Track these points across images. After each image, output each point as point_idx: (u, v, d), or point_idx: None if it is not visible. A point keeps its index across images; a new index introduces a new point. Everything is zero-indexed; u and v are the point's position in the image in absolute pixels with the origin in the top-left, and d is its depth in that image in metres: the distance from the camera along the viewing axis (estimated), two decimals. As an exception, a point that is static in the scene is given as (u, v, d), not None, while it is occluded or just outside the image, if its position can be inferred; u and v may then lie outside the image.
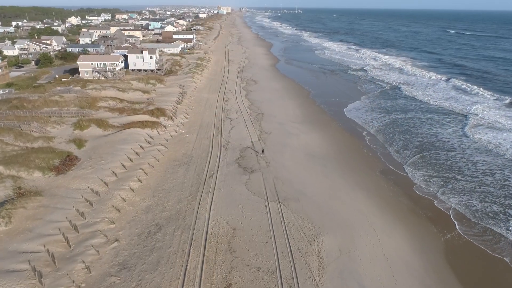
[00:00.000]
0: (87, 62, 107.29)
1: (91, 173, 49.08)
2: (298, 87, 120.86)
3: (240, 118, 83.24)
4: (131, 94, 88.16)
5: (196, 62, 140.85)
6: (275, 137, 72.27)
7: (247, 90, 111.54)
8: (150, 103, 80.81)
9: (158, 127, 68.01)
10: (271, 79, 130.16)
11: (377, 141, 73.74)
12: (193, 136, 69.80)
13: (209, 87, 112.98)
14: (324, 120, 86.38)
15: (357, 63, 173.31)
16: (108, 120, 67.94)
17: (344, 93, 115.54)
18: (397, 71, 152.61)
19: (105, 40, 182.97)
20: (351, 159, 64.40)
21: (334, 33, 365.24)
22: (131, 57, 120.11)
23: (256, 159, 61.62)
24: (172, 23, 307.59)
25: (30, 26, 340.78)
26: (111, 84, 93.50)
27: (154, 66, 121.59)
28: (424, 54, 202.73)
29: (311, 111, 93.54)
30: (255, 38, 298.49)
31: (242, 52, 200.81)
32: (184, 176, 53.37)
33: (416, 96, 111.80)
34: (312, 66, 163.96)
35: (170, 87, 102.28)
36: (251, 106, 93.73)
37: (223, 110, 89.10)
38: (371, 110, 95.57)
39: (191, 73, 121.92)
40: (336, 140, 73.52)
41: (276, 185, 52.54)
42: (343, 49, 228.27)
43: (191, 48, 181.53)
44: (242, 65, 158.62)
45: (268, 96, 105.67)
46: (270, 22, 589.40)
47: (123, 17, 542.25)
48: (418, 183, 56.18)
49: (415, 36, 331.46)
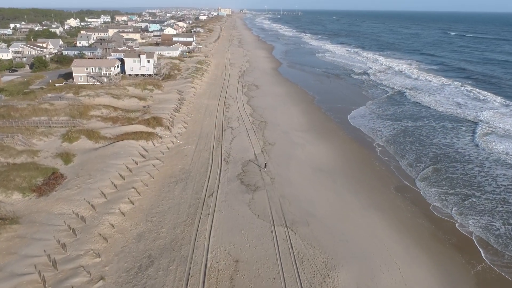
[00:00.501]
0: (82, 66, 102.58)
1: (77, 194, 44.16)
2: (301, 92, 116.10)
3: (242, 127, 78.44)
4: (126, 102, 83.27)
5: (195, 66, 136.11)
6: (280, 148, 67.47)
7: (249, 96, 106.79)
8: (146, 112, 75.99)
9: (154, 138, 63.15)
10: (273, 84, 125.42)
11: (389, 153, 68.92)
12: (191, 148, 64.96)
13: (209, 92, 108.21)
14: (330, 129, 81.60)
15: (360, 66, 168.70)
16: (100, 131, 63.07)
17: (349, 98, 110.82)
18: (401, 75, 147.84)
19: (103, 43, 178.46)
20: (362, 173, 59.54)
21: (335, 35, 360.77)
22: (127, 61, 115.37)
23: (260, 174, 56.82)
24: (171, 25, 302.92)
25: (28, 28, 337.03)
26: (105, 91, 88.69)
27: (152, 71, 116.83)
28: (427, 57, 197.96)
29: (316, 118, 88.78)
30: (256, 40, 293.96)
31: (243, 55, 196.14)
32: (181, 196, 48.49)
33: (424, 102, 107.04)
34: (315, 69, 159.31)
35: (168, 93, 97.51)
36: (253, 114, 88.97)
37: (223, 118, 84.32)
38: (378, 117, 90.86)
39: (191, 77, 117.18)
40: (344, 151, 68.68)
41: (283, 205, 47.70)
42: (345, 51, 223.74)
43: (191, 51, 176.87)
44: (243, 68, 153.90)
45: (271, 102, 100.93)
46: (271, 24, 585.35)
47: (122, 19, 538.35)
48: (435, 203, 51.34)
49: (416, 38, 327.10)
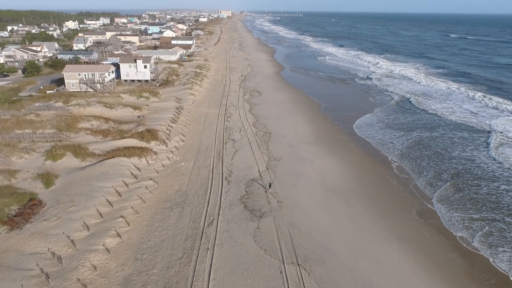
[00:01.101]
0: (74, 72, 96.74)
1: (56, 226, 38.20)
2: (306, 99, 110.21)
3: (244, 139, 72.49)
4: (120, 111, 77.34)
5: (195, 71, 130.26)
6: (286, 164, 61.52)
7: (251, 103, 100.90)
8: (140, 123, 70.02)
9: (147, 154, 57.17)
10: (276, 90, 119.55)
11: (405, 169, 62.93)
12: (189, 165, 58.98)
13: (209, 99, 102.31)
14: (340, 140, 75.64)
15: (364, 70, 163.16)
16: (89, 147, 57.12)
17: (356, 105, 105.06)
18: (406, 80, 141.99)
19: (99, 46, 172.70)
20: (378, 194, 53.55)
21: (336, 37, 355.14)
22: (123, 66, 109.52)
23: (265, 196, 50.84)
24: (171, 28, 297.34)
25: (25, 31, 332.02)
26: (98, 99, 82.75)
27: (149, 76, 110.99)
28: (430, 61, 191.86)
29: (323, 128, 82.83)
30: (257, 43, 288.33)
31: (244, 58, 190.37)
32: (176, 225, 42.50)
33: (434, 109, 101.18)
34: (318, 74, 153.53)
35: (166, 101, 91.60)
36: (256, 124, 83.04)
37: (224, 128, 78.38)
38: (387, 127, 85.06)
39: (189, 83, 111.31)
40: (357, 167, 62.70)
41: (293, 237, 41.74)
42: (347, 54, 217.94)
43: (190, 55, 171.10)
44: (245, 73, 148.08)
45: (275, 110, 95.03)
46: (271, 26, 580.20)
47: (122, 21, 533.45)
48: (461, 232, 45.26)
49: (417, 40, 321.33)
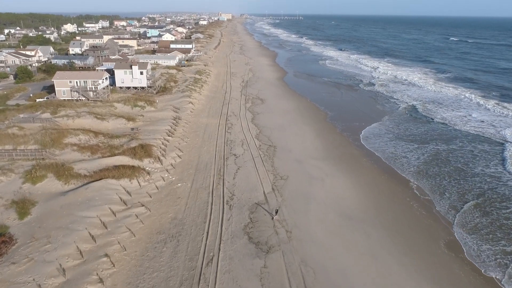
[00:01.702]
0: (65, 80, 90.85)
1: (26, 271, 32.09)
2: (312, 107, 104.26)
3: (247, 154, 66.47)
4: (112, 123, 71.30)
5: (194, 77, 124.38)
6: (294, 184, 55.49)
7: (254, 112, 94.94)
8: (133, 137, 63.96)
9: (140, 175, 51.09)
10: (280, 97, 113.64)
11: (425, 189, 56.87)
12: (186, 185, 52.91)
13: (209, 108, 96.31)
14: (351, 155, 69.62)
15: (367, 75, 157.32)
16: (74, 166, 51.08)
17: (364, 113, 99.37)
18: (413, 86, 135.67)
19: (95, 50, 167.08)
20: (400, 222, 47.45)
21: (337, 41, 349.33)
22: (118, 72, 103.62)
23: (272, 224, 44.80)
24: (170, 31, 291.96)
25: (22, 34, 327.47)
26: (89, 109, 76.75)
27: (145, 83, 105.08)
28: (436, 66, 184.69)
29: (332, 141, 76.81)
30: (258, 46, 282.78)
31: (245, 63, 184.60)
32: (170, 264, 36.40)
33: (447, 118, 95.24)
34: (322, 79, 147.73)
35: (162, 110, 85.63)
36: (260, 136, 77.03)
37: (225, 141, 72.34)
38: (398, 138, 79.26)
39: (188, 90, 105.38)
40: (372, 187, 56.65)
41: (306, 278, 35.69)
42: (349, 59, 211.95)
43: (189, 59, 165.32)
44: (246, 79, 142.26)
45: (279, 120, 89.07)
46: (272, 29, 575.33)
47: (121, 24, 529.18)
48: (494, 272, 39.21)
49: (418, 44, 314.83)
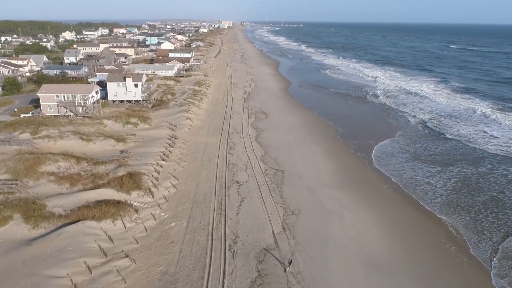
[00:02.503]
0: (51, 94, 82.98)
1: None
2: (319, 121, 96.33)
3: (251, 181, 58.28)
4: (99, 145, 63.19)
5: (193, 89, 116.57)
6: (308, 222, 47.22)
7: (257, 129, 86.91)
8: (122, 163, 55.77)
9: (126, 213, 42.81)
10: (285, 111, 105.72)
11: (460, 227, 48.58)
12: (181, 225, 44.62)
13: (209, 124, 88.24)
14: (368, 181, 61.46)
15: (374, 85, 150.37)
16: (47, 203, 42.89)
17: (376, 129, 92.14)
18: (424, 98, 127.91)
19: (90, 59, 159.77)
20: (439, 272, 39.13)
21: (339, 49, 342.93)
22: (111, 85, 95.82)
23: (285, 278, 36.56)
24: (170, 39, 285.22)
25: (19, 42, 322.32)
26: (74, 128, 68.65)
27: (140, 96, 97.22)
28: (440, 75, 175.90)
29: (345, 163, 68.66)
30: (259, 54, 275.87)
31: (247, 72, 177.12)
32: None
33: (467, 135, 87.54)
34: (328, 90, 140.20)
35: (157, 128, 77.57)
36: (265, 157, 68.88)
37: (227, 165, 64.16)
38: (416, 159, 71.71)
39: (186, 104, 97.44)
40: (398, 224, 48.37)
41: None
42: (353, 68, 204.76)
43: (189, 69, 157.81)
44: (248, 90, 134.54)
45: (285, 138, 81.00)
46: (273, 36, 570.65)
47: (121, 32, 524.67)
48: None
49: (420, 52, 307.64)
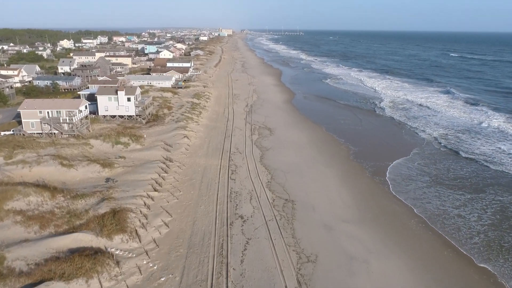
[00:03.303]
0: (34, 110, 75.04)
1: None
2: (329, 139, 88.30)
3: (257, 216, 49.99)
4: (82, 172, 55.07)
5: (191, 102, 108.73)
6: (328, 273, 38.85)
7: (262, 148, 78.77)
8: (105, 196, 47.50)
9: (104, 268, 34.35)
10: (291, 126, 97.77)
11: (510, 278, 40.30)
12: (173, 280, 36.10)
13: (208, 143, 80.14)
14: (393, 214, 53.23)
15: (381, 97, 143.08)
16: (7, 254, 34.54)
17: (391, 146, 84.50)
18: (432, 110, 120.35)
19: (84, 69, 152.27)
20: None
21: (339, 57, 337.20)
22: (101, 99, 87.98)
23: None
24: (169, 47, 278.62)
25: (15, 50, 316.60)
26: (56, 150, 60.48)
27: (133, 111, 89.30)
28: (446, 85, 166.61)
29: (363, 191, 60.43)
30: (261, 63, 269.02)
31: (248, 82, 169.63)
32: None
33: (491, 153, 79.63)
34: (334, 102, 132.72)
35: (150, 148, 69.43)
36: (272, 184, 60.67)
37: (228, 194, 55.90)
38: (439, 183, 64.42)
39: (184, 119, 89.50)
40: (439, 277, 40.03)
41: None
42: (355, 77, 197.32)
43: (187, 80, 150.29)
44: (250, 102, 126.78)
45: (293, 159, 72.86)
46: (274, 44, 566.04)
47: (120, 40, 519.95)
48: None
49: (422, 61, 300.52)
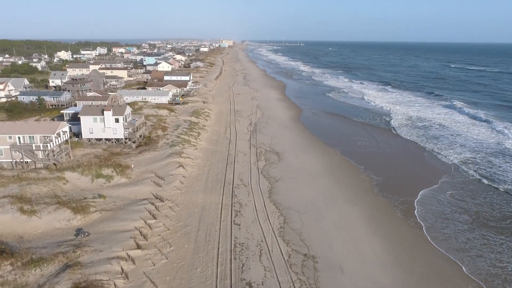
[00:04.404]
0: (2, 135, 63.90)
1: None
2: (346, 165, 76.88)
3: (270, 282, 38.24)
4: (46, 220, 43.55)
5: (189, 120, 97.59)
6: None
7: (270, 178, 67.22)
8: (70, 259, 35.41)
9: None
10: (301, 149, 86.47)
11: None
12: None
13: (207, 173, 68.58)
14: (441, 274, 41.59)
15: (392, 113, 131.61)
16: None
17: (416, 174, 73.67)
18: (453, 130, 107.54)
19: (74, 83, 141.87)
20: None
21: (342, 68, 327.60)
22: (85, 120, 76.84)
23: None
24: (168, 59, 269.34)
25: (10, 62, 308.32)
26: (19, 189, 49.02)
27: (122, 134, 78.09)
28: (460, 100, 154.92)
29: (399, 241, 48.70)
30: (263, 76, 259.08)
31: (251, 97, 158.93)
32: None
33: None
34: (344, 119, 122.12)
35: (138, 182, 57.87)
36: (286, 230, 48.98)
37: (232, 249, 44.21)
38: (485, 225, 53.30)
39: (180, 143, 78.21)
40: None
41: None
42: (362, 90, 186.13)
43: (186, 95, 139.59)
44: (254, 119, 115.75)
45: (308, 193, 61.31)
46: (275, 56, 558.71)
47: (120, 51, 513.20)
48: None
49: (425, 72, 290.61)
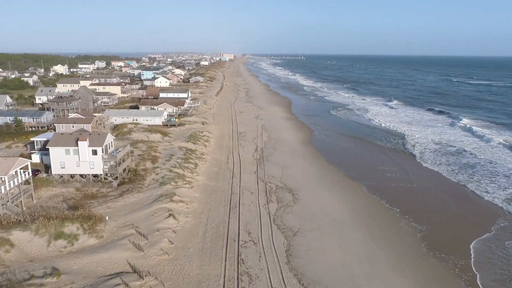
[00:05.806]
0: None
1: None
2: (378, 208, 61.78)
3: None
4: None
5: (185, 148, 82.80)
6: None
7: (286, 231, 51.81)
8: None
9: None
10: (319, 184, 71.37)
11: None
12: None
13: (205, 225, 53.20)
14: None
15: (411, 135, 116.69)
16: None
17: (464, 218, 58.54)
18: (487, 159, 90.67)
19: (60, 102, 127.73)
20: None
21: (350, 83, 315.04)
22: (56, 151, 61.98)
23: None
24: (166, 74, 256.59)
25: (2, 77, 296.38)
26: None
27: (101, 168, 63.17)
28: (475, 118, 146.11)
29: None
30: (266, 91, 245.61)
31: (255, 115, 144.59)
32: None
33: None
34: (361, 142, 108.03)
35: (111, 246, 42.43)
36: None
37: None
38: None
39: (172, 180, 63.15)
40: None
41: None
42: (370, 107, 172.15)
43: (183, 114, 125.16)
44: (260, 144, 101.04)
45: (338, 253, 46.02)
46: (276, 69, 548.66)
47: (119, 65, 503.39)
48: None
49: (429, 87, 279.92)
